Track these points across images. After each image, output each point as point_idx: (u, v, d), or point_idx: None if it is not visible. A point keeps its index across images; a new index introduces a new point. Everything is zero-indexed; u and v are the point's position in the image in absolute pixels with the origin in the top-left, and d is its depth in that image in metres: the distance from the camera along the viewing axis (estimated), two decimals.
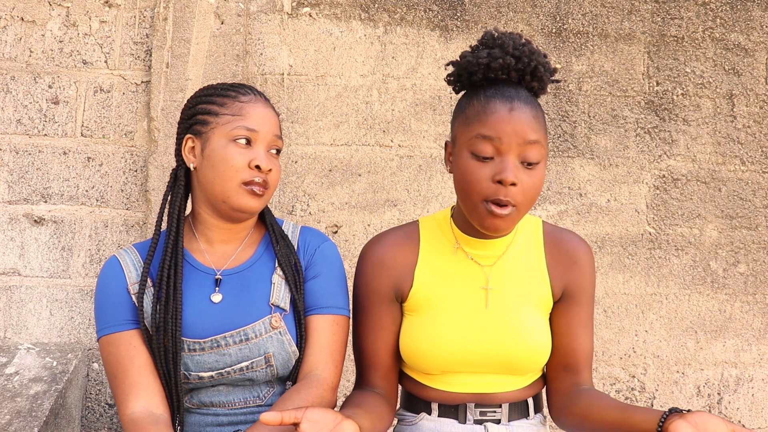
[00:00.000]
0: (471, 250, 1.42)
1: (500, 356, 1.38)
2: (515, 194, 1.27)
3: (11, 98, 2.27)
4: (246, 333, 1.37)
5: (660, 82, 2.49)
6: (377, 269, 1.43)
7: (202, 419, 1.40)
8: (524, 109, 1.28)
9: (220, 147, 1.37)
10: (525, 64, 1.31)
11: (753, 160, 2.51)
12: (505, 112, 1.27)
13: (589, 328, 1.45)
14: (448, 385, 1.42)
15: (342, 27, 2.38)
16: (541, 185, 1.31)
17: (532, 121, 1.28)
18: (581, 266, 1.44)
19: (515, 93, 1.30)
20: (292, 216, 2.32)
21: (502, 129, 1.26)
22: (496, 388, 1.41)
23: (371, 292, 1.43)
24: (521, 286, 1.42)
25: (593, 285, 1.47)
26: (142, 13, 2.32)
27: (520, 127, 1.26)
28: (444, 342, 1.38)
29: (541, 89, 1.37)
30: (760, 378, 2.48)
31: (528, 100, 1.30)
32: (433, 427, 1.42)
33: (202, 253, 1.44)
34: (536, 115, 1.30)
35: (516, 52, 1.31)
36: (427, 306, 1.42)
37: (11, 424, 1.86)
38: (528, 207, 1.31)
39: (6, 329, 2.23)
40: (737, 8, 2.52)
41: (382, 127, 2.38)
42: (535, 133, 1.27)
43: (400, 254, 1.43)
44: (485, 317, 1.39)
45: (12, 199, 2.25)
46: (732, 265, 2.49)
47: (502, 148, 1.27)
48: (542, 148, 1.29)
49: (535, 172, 1.29)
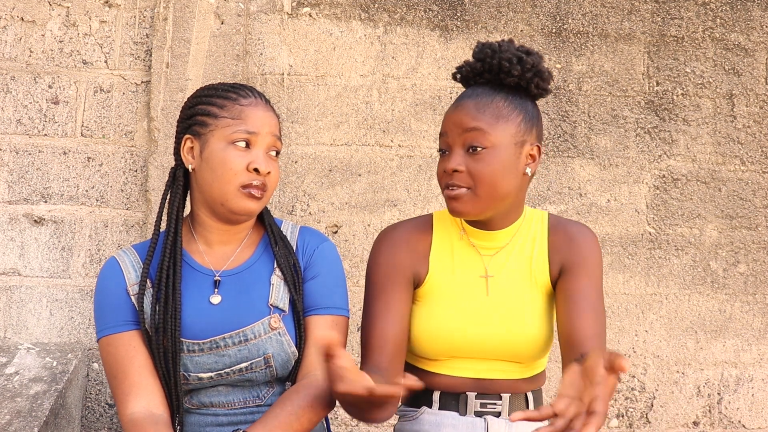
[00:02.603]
0: (476, 241, 1.47)
1: (501, 342, 1.41)
2: (460, 179, 1.37)
3: (11, 98, 2.27)
4: (245, 334, 1.37)
5: (660, 82, 2.49)
6: (398, 248, 1.46)
7: (202, 419, 1.40)
8: (469, 103, 1.39)
9: (218, 150, 1.37)
10: (489, 65, 1.40)
11: (753, 160, 2.51)
12: (452, 109, 1.41)
13: (592, 304, 1.40)
14: (450, 369, 1.44)
15: (342, 27, 2.38)
16: (498, 170, 1.36)
17: (472, 111, 1.37)
18: (578, 243, 1.45)
19: (475, 92, 1.40)
20: (292, 216, 2.33)
21: (447, 125, 1.41)
22: (497, 374, 1.43)
23: (392, 271, 1.44)
24: (522, 274, 1.45)
25: (596, 264, 1.45)
26: (142, 13, 2.32)
27: (459, 118, 1.38)
28: (448, 327, 1.41)
29: (524, 83, 1.40)
30: (760, 378, 2.48)
31: (483, 95, 1.39)
32: (434, 421, 1.44)
33: (200, 254, 1.44)
34: (484, 103, 1.37)
35: (480, 55, 1.42)
36: (437, 293, 1.45)
37: (11, 424, 1.87)
38: (487, 190, 1.36)
39: (6, 329, 2.23)
40: (737, 8, 2.52)
41: (382, 127, 2.38)
42: (474, 121, 1.36)
43: (416, 239, 1.48)
44: (486, 304, 1.43)
45: (12, 199, 2.26)
46: (732, 265, 2.49)
47: (449, 140, 1.40)
48: (486, 135, 1.36)
49: (481, 156, 1.36)
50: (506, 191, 1.39)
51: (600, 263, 1.46)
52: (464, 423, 1.42)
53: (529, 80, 1.41)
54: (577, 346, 1.37)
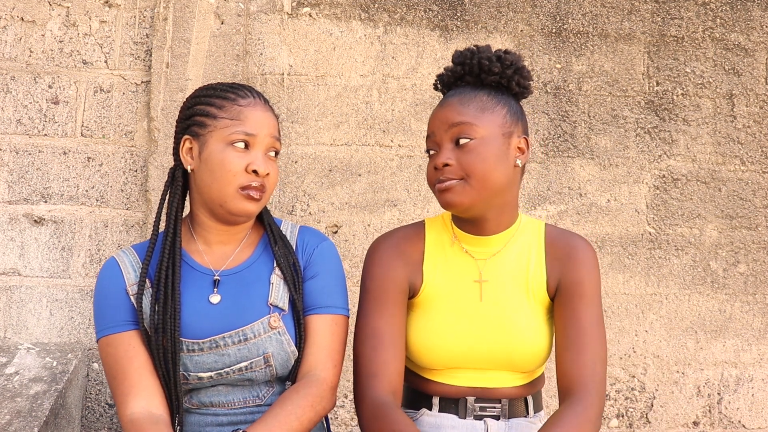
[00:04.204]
0: (468, 246, 1.45)
1: (498, 352, 1.39)
2: (451, 172, 1.37)
3: (11, 98, 2.27)
4: (245, 333, 1.37)
5: (660, 82, 2.49)
6: (393, 259, 1.44)
7: (202, 419, 1.40)
8: (453, 100, 1.40)
9: (217, 151, 1.37)
10: (469, 66, 1.42)
11: (753, 160, 2.51)
12: (438, 110, 1.42)
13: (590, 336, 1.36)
14: (449, 379, 1.43)
15: (342, 27, 2.38)
16: (489, 159, 1.36)
17: (457, 106, 1.39)
18: (578, 261, 1.42)
19: (458, 92, 1.42)
20: (292, 216, 2.33)
21: (434, 123, 1.42)
22: (497, 383, 1.42)
23: (388, 282, 1.42)
24: (516, 281, 1.43)
25: (595, 284, 1.42)
26: (142, 13, 2.32)
27: (444, 115, 1.39)
28: (443, 339, 1.40)
29: (503, 81, 1.42)
30: (760, 378, 2.48)
31: (466, 92, 1.41)
32: (434, 422, 1.43)
33: (200, 254, 1.44)
34: (467, 98, 1.39)
35: (460, 59, 1.44)
36: (433, 302, 1.43)
37: (11, 424, 1.87)
38: (479, 180, 1.35)
39: (6, 329, 2.23)
40: (737, 8, 2.52)
41: (382, 127, 2.38)
42: (459, 115, 1.37)
43: (410, 248, 1.47)
44: (480, 310, 1.41)
45: (12, 199, 2.26)
46: (732, 265, 2.49)
47: (437, 139, 1.40)
48: (473, 126, 1.37)
49: (469, 147, 1.36)
50: (498, 182, 1.38)
51: (598, 282, 1.43)
52: (464, 425, 1.42)
53: (509, 77, 1.42)
54: (573, 383, 1.34)
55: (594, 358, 1.35)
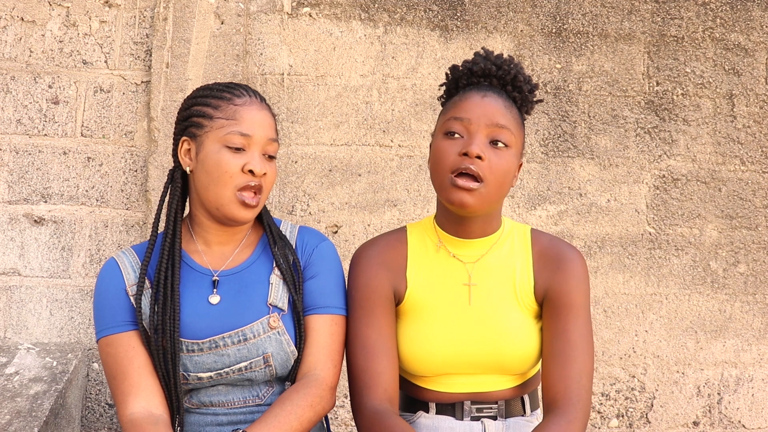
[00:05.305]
0: (453, 249, 1.45)
1: (489, 355, 1.39)
2: (481, 167, 1.33)
3: (11, 98, 2.27)
4: (244, 333, 1.37)
5: (660, 82, 2.49)
6: (376, 268, 1.44)
7: (202, 419, 1.40)
8: (497, 98, 1.38)
9: (213, 152, 1.37)
10: (505, 72, 1.41)
11: (753, 160, 2.51)
12: (478, 99, 1.37)
13: (578, 349, 1.35)
14: (443, 386, 1.43)
15: (342, 27, 2.38)
16: (510, 171, 1.37)
17: (502, 109, 1.37)
18: (566, 270, 1.41)
19: (492, 90, 1.40)
20: (292, 216, 2.33)
21: (473, 110, 1.36)
22: (490, 386, 1.42)
23: (372, 292, 1.42)
24: (504, 284, 1.43)
25: (583, 294, 1.40)
26: (142, 13, 2.32)
27: (490, 110, 1.36)
28: (433, 345, 1.39)
29: (523, 102, 1.44)
30: (760, 378, 2.48)
31: (503, 96, 1.40)
32: (431, 425, 1.43)
33: (199, 255, 1.44)
34: (508, 106, 1.38)
35: (498, 62, 1.42)
36: (420, 308, 1.43)
37: (11, 424, 1.87)
38: (496, 189, 1.35)
39: (6, 329, 2.23)
40: (737, 8, 2.52)
41: (382, 127, 2.38)
42: (504, 119, 1.36)
43: (392, 256, 1.46)
44: (469, 314, 1.40)
45: (12, 199, 2.26)
46: (732, 265, 2.49)
47: (471, 127, 1.35)
48: (512, 136, 1.36)
49: (503, 153, 1.35)
50: (504, 193, 1.40)
51: (587, 293, 1.42)
52: (461, 427, 1.42)
53: (531, 103, 1.46)
54: (559, 396, 1.33)
55: (580, 371, 1.34)
